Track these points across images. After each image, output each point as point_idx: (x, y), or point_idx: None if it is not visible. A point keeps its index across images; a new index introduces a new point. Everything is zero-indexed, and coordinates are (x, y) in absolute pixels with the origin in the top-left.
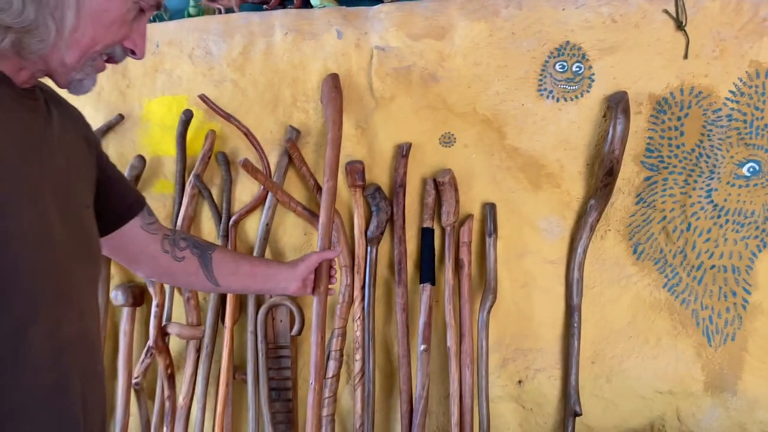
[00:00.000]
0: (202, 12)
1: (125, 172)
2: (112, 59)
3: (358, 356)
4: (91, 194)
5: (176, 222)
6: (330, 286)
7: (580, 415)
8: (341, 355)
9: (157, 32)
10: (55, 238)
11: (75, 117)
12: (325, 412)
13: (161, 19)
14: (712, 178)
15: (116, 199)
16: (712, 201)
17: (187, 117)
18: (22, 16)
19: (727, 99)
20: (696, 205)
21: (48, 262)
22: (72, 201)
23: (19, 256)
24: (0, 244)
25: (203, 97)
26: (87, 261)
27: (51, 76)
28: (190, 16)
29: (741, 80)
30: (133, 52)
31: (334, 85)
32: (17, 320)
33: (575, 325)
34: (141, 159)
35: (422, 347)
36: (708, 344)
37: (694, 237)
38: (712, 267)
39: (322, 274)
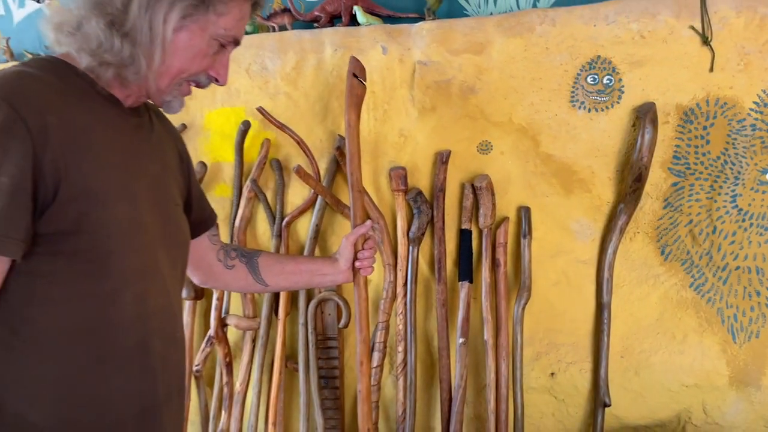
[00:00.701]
0: (257, 30)
1: None
2: (198, 85)
3: (400, 348)
4: (181, 197)
5: (233, 223)
6: (366, 260)
7: (609, 406)
8: (385, 347)
9: None
10: (144, 226)
11: (174, 135)
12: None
13: None
14: (736, 184)
15: (195, 214)
16: (736, 206)
17: (246, 127)
18: (120, 54)
19: (751, 110)
20: (721, 210)
21: (137, 244)
22: (163, 198)
23: (113, 238)
24: (100, 228)
25: (260, 109)
26: (172, 247)
27: (150, 98)
28: (246, 33)
29: (764, 92)
30: (216, 80)
31: (360, 67)
32: (110, 289)
33: (605, 321)
34: (202, 165)
35: (461, 340)
36: (733, 341)
37: (720, 239)
38: (737, 268)
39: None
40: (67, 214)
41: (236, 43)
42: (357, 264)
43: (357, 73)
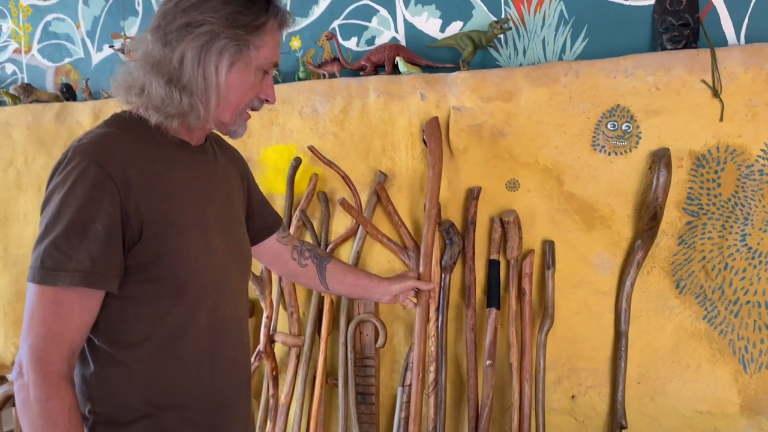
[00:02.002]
0: (309, 76)
1: None
2: (253, 108)
3: (432, 368)
4: (243, 216)
5: None
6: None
7: (626, 428)
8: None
9: None
10: (213, 249)
11: (234, 157)
12: (402, 414)
13: (276, 82)
14: (746, 224)
15: (259, 220)
16: (746, 244)
17: (297, 163)
18: (181, 105)
19: (759, 156)
20: (732, 248)
21: (208, 265)
22: (230, 221)
23: (188, 264)
24: (177, 256)
25: (311, 148)
26: (239, 262)
27: (217, 131)
28: (299, 79)
29: None
30: (267, 101)
31: (436, 126)
32: (187, 306)
33: (623, 349)
34: None
35: (488, 363)
36: (744, 371)
37: (731, 275)
38: (748, 302)
39: (421, 300)
40: (150, 248)
41: (276, 65)
42: (406, 302)
43: (426, 136)
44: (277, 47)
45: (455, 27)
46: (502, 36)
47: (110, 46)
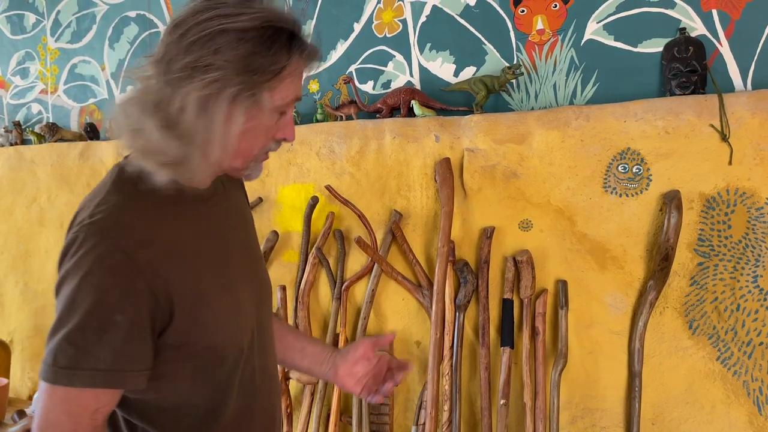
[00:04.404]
0: (327, 118)
1: (262, 244)
2: (270, 150)
3: (446, 407)
4: (257, 243)
5: (299, 285)
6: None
7: None
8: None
9: None
10: (242, 303)
11: (239, 185)
12: None
13: (295, 123)
14: (757, 266)
15: None
16: (758, 285)
17: (314, 202)
18: (175, 155)
19: None
20: (744, 289)
21: (241, 324)
22: (251, 259)
23: (220, 331)
24: (209, 328)
25: (328, 187)
26: (264, 301)
27: (228, 173)
28: (317, 121)
29: None
30: (285, 139)
31: (447, 167)
32: (229, 371)
33: (637, 389)
34: (275, 234)
35: (502, 402)
36: (759, 413)
37: (743, 317)
38: (761, 344)
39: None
40: (185, 325)
41: (297, 99)
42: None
43: (437, 176)
44: (299, 84)
45: (469, 72)
46: (514, 81)
47: None
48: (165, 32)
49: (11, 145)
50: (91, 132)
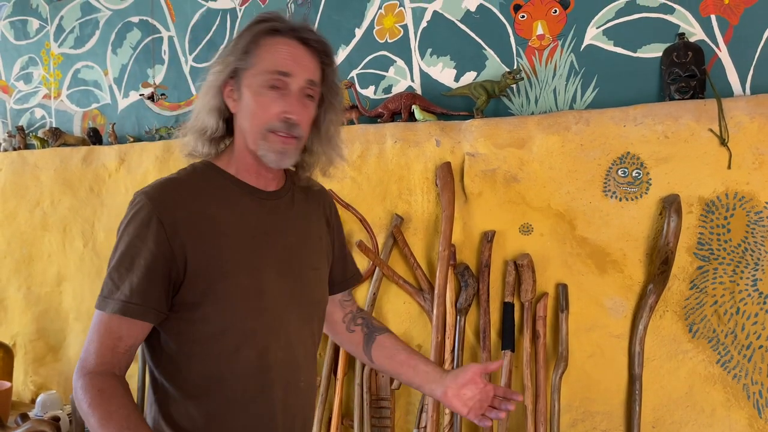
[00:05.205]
0: None
1: None
2: (278, 131)
3: (447, 410)
4: (323, 260)
5: None
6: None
7: None
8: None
9: None
10: (265, 293)
11: (319, 202)
12: None
13: None
14: (756, 269)
15: (333, 274)
16: (757, 289)
17: None
18: (197, 126)
19: (767, 203)
20: (743, 292)
21: (257, 308)
22: (297, 264)
23: (234, 305)
24: (223, 297)
25: (330, 192)
26: (304, 306)
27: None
28: None
29: None
30: (286, 116)
31: (448, 171)
32: (232, 346)
33: (637, 392)
34: None
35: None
36: (759, 416)
37: (743, 320)
38: (760, 347)
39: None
40: (198, 287)
41: (282, 74)
42: (491, 413)
43: (438, 180)
44: (281, 59)
45: (469, 77)
46: (514, 86)
47: (140, 95)
48: None
49: (15, 149)
50: (94, 137)
